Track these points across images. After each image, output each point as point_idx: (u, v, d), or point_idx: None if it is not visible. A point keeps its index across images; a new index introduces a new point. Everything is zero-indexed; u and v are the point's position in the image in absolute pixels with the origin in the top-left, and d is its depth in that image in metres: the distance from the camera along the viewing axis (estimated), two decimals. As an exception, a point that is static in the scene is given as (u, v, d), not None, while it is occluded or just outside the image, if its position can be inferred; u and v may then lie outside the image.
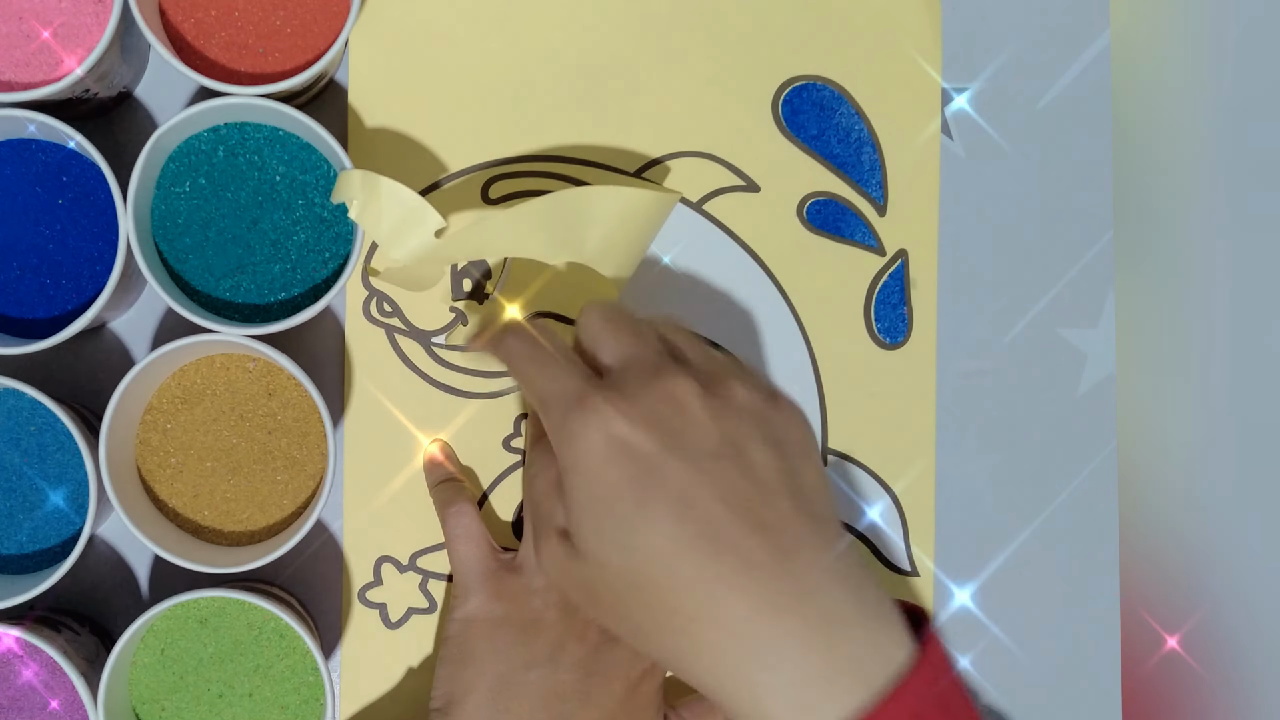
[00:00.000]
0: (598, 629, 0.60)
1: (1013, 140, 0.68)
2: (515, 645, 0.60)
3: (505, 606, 0.60)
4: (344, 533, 0.65)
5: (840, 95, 0.67)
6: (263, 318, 0.60)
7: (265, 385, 0.61)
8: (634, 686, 0.60)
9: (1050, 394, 0.68)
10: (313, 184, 0.60)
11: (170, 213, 0.60)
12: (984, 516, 0.68)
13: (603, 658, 0.60)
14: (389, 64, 0.66)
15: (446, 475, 0.65)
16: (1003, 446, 0.68)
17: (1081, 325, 0.68)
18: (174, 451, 0.61)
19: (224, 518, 0.62)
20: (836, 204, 0.67)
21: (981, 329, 0.68)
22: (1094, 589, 0.68)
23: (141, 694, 0.60)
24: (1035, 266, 0.68)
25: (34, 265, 0.60)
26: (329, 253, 0.60)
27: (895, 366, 0.68)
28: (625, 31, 0.67)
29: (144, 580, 0.65)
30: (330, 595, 0.65)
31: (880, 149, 0.68)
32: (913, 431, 0.68)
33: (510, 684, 0.59)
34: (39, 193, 0.60)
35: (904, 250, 0.68)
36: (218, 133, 0.60)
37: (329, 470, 0.60)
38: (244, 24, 0.60)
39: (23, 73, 0.59)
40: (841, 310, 0.67)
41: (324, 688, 0.60)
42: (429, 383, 0.66)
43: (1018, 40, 0.68)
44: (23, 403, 0.60)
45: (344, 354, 0.66)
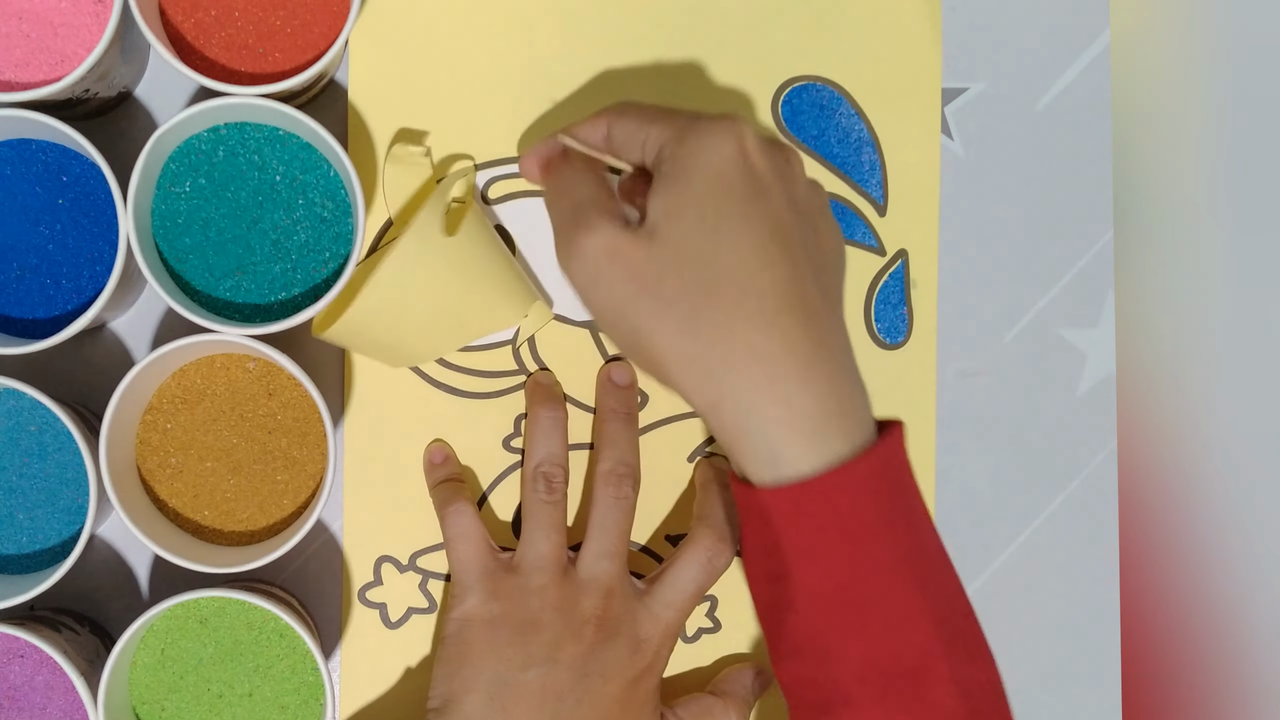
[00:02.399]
0: (595, 628, 0.60)
1: (1013, 140, 0.68)
2: (512, 644, 0.60)
3: (502, 605, 0.60)
4: (344, 533, 0.65)
5: (840, 95, 0.67)
6: (263, 318, 0.60)
7: (265, 385, 0.61)
8: (632, 686, 0.60)
9: (1050, 394, 0.68)
10: (313, 184, 0.60)
11: (170, 213, 0.60)
12: (984, 516, 0.68)
13: (600, 657, 0.60)
14: (389, 64, 0.66)
15: (446, 475, 0.65)
16: (1003, 446, 0.68)
17: (1081, 325, 0.68)
18: (174, 451, 0.61)
19: (224, 518, 0.62)
20: (837, 204, 0.67)
21: (981, 329, 0.68)
22: (1094, 589, 0.68)
23: (141, 694, 0.60)
24: (1035, 266, 0.68)
25: (34, 265, 0.60)
26: (329, 253, 0.60)
27: (895, 366, 0.68)
28: (625, 31, 0.67)
29: (144, 580, 0.65)
30: (330, 595, 0.65)
31: (880, 149, 0.68)
32: (913, 431, 0.68)
33: (507, 683, 0.59)
34: (39, 193, 0.60)
35: (904, 250, 0.68)
36: (218, 133, 0.60)
37: (329, 470, 0.60)
38: (244, 24, 0.60)
39: (23, 73, 0.59)
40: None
41: (324, 688, 0.60)
42: (429, 383, 0.66)
43: (1018, 40, 0.68)
44: (23, 403, 0.60)
45: (344, 354, 0.66)
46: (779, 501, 0.52)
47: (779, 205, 0.53)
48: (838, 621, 0.52)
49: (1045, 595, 0.68)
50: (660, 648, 0.61)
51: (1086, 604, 0.68)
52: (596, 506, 0.62)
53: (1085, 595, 0.68)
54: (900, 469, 0.53)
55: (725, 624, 0.67)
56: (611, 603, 0.61)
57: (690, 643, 0.67)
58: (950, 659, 0.52)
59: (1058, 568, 0.68)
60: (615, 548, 0.62)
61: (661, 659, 0.62)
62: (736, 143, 0.53)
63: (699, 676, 0.67)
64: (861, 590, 0.52)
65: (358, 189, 0.58)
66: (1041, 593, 0.68)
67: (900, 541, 0.52)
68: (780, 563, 0.52)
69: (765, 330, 0.51)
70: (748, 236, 0.52)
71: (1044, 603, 0.68)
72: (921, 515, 0.53)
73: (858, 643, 0.52)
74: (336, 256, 0.60)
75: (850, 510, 0.51)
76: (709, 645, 0.67)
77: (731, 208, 0.52)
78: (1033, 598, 0.68)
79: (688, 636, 0.67)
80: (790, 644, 0.54)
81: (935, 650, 0.52)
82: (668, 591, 0.62)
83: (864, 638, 0.52)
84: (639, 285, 0.53)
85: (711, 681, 0.66)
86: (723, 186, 0.53)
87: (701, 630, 0.67)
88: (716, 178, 0.53)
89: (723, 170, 0.53)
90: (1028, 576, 0.68)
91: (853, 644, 0.52)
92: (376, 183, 0.66)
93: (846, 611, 0.52)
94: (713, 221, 0.52)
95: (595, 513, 0.62)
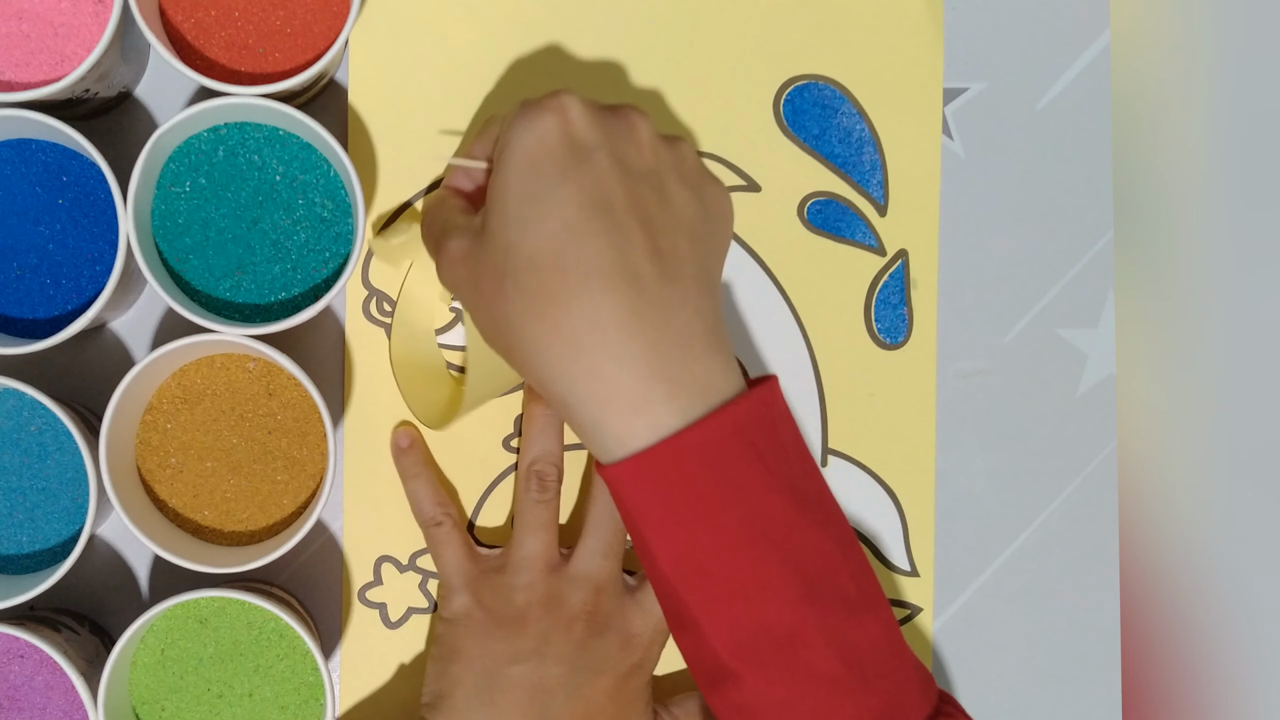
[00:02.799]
0: (584, 624, 0.60)
1: (1013, 140, 0.68)
2: (501, 641, 0.60)
3: (489, 605, 0.61)
4: (344, 533, 0.66)
5: (841, 95, 0.67)
6: (263, 318, 0.60)
7: (265, 385, 0.61)
8: (622, 681, 0.61)
9: (1050, 394, 0.68)
10: (313, 184, 0.60)
11: (170, 213, 0.60)
12: (984, 516, 0.68)
13: (589, 653, 0.60)
14: (389, 64, 0.66)
15: (415, 461, 0.65)
16: (1003, 446, 0.68)
17: (1081, 325, 0.68)
18: (174, 451, 0.61)
19: (224, 518, 0.62)
20: (837, 204, 0.67)
21: (981, 329, 0.68)
22: (1094, 589, 0.68)
23: (141, 694, 0.60)
24: (1035, 266, 0.68)
25: (34, 265, 0.60)
26: (329, 253, 0.60)
27: (895, 366, 0.68)
28: (626, 31, 0.67)
29: (144, 580, 0.65)
30: (330, 595, 0.65)
31: (881, 149, 0.68)
32: (913, 431, 0.68)
33: (496, 678, 0.59)
34: (39, 193, 0.60)
35: (904, 250, 0.68)
36: (218, 133, 0.60)
37: (329, 470, 0.60)
38: (244, 24, 0.60)
39: (23, 73, 0.59)
40: (841, 310, 0.67)
41: (324, 688, 0.60)
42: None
43: (1018, 40, 0.68)
44: (23, 403, 0.60)
45: (344, 354, 0.66)
46: (616, 477, 0.51)
47: (602, 170, 0.51)
48: (699, 595, 0.51)
49: (1045, 595, 0.68)
50: (651, 644, 0.62)
51: (1086, 604, 0.68)
52: (593, 504, 0.63)
53: (1085, 595, 0.68)
54: (751, 429, 0.51)
55: (725, 624, 0.67)
56: (601, 599, 0.61)
57: (690, 643, 0.67)
58: (823, 623, 0.51)
59: (1058, 568, 0.68)
60: (610, 546, 0.62)
61: (653, 655, 0.62)
62: (556, 115, 0.52)
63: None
64: (715, 562, 0.51)
65: (358, 189, 0.58)
66: (1041, 593, 0.68)
67: (751, 509, 0.50)
68: (639, 536, 0.52)
69: (568, 305, 0.50)
70: (558, 209, 0.50)
71: (1044, 603, 0.68)
72: (782, 473, 0.51)
73: (723, 615, 0.51)
74: (336, 256, 0.60)
75: (687, 482, 0.50)
76: (709, 645, 0.67)
77: (543, 184, 0.51)
78: (1033, 598, 0.68)
79: (688, 636, 0.67)
80: (672, 618, 0.53)
81: (804, 616, 0.50)
82: None
83: (728, 609, 0.51)
84: (476, 281, 0.52)
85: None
86: (536, 164, 0.51)
87: (701, 630, 0.67)
88: (530, 156, 0.52)
89: (538, 148, 0.52)
90: (1028, 576, 0.68)
91: (719, 616, 0.51)
92: (376, 183, 0.66)
93: (706, 583, 0.51)
94: (527, 203, 0.51)
95: (592, 510, 0.62)
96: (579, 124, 0.52)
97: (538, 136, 0.52)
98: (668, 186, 0.53)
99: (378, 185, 0.66)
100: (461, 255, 0.53)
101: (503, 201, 0.52)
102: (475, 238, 0.53)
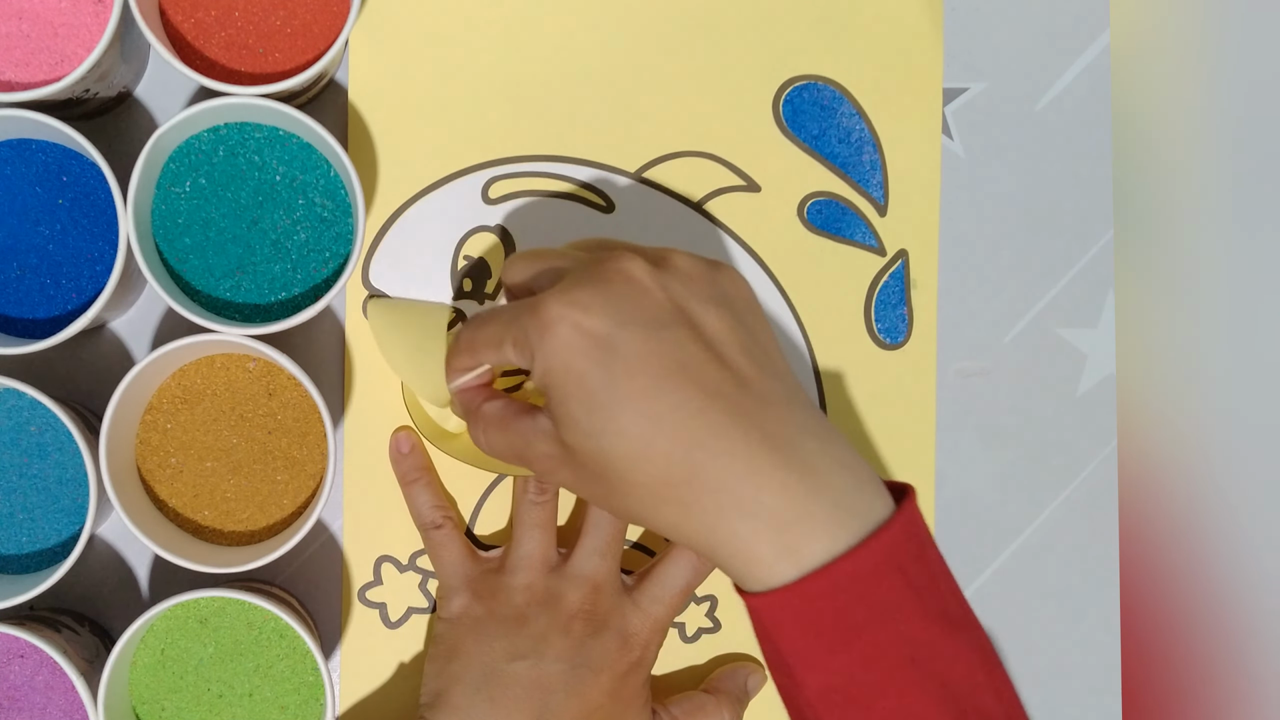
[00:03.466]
0: (583, 622, 0.60)
1: (1013, 140, 0.68)
2: (500, 639, 0.60)
3: (488, 604, 0.61)
4: (344, 533, 0.66)
5: (841, 95, 0.67)
6: (263, 318, 0.60)
7: (265, 385, 0.61)
8: (621, 679, 0.61)
9: (1050, 394, 0.68)
10: (313, 184, 0.60)
11: (170, 213, 0.60)
12: (984, 516, 0.68)
13: (589, 651, 0.60)
14: (389, 64, 0.66)
15: (415, 466, 0.65)
16: (1003, 446, 0.68)
17: (1081, 325, 0.68)
18: (174, 451, 0.61)
19: (224, 518, 0.62)
20: (837, 204, 0.67)
21: (981, 329, 0.68)
22: (1094, 589, 0.68)
23: (141, 694, 0.60)
24: (1035, 266, 0.68)
25: (34, 265, 0.60)
26: (329, 253, 0.60)
27: (895, 366, 0.68)
28: (625, 31, 0.67)
29: (144, 580, 0.65)
30: (330, 595, 0.65)
31: (881, 149, 0.68)
32: (913, 431, 0.68)
33: (495, 675, 0.60)
34: (39, 193, 0.60)
35: (904, 250, 0.68)
36: (218, 133, 0.60)
37: (329, 470, 0.60)
38: (244, 24, 0.60)
39: (23, 73, 0.59)
40: (841, 310, 0.67)
41: (324, 688, 0.60)
42: (429, 383, 0.66)
43: (1018, 40, 0.68)
44: (23, 403, 0.60)
45: (344, 354, 0.66)
46: (763, 609, 0.49)
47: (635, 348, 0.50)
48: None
49: (1045, 595, 0.68)
50: (649, 643, 0.62)
51: (1086, 604, 0.68)
52: (591, 505, 0.63)
53: (1085, 595, 0.68)
54: (901, 554, 0.49)
55: (725, 624, 0.67)
56: (599, 597, 0.61)
57: (690, 643, 0.67)
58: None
59: (1058, 568, 0.68)
60: (608, 545, 0.62)
61: (650, 654, 0.62)
62: (564, 324, 0.51)
63: (697, 676, 0.67)
64: (864, 692, 0.49)
65: (358, 189, 0.58)
66: (1041, 593, 0.68)
67: (901, 635, 0.49)
68: (783, 665, 0.50)
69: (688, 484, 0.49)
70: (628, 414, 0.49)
71: (1044, 603, 0.68)
72: (930, 596, 0.49)
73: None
74: (336, 256, 0.60)
75: (837, 612, 0.48)
76: (708, 645, 0.67)
77: (599, 396, 0.50)
78: (1033, 598, 0.68)
79: (687, 636, 0.67)
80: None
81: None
82: (656, 588, 0.62)
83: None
84: (584, 485, 0.52)
85: (706, 679, 0.66)
86: (578, 379, 0.50)
87: (701, 630, 0.67)
88: (570, 374, 0.50)
89: (571, 363, 0.50)
90: (1028, 576, 0.68)
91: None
92: (376, 183, 0.66)
93: (853, 712, 0.49)
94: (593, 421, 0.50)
95: (590, 510, 0.63)
96: (580, 318, 0.51)
97: (564, 348, 0.50)
98: (694, 315, 0.51)
99: (378, 185, 0.66)
100: (556, 465, 0.52)
101: (572, 419, 0.51)
102: (555, 443, 0.52)
